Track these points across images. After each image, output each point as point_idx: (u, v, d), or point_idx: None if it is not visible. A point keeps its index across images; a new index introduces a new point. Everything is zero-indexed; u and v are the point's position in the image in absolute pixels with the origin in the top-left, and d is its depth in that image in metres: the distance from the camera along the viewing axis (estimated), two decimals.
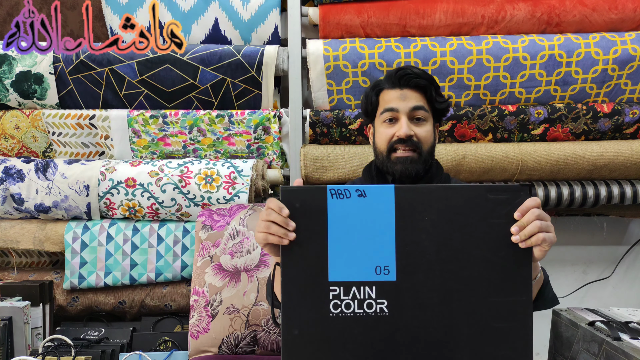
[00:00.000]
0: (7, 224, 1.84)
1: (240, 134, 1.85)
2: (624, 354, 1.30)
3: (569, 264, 2.12)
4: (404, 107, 1.18)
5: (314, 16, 1.83)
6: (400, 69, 1.22)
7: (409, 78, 1.19)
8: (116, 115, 1.84)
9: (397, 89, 1.20)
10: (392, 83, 1.22)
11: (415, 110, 1.19)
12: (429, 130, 1.20)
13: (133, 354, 1.53)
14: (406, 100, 1.18)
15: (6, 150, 1.91)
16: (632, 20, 1.78)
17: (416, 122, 1.19)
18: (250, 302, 1.54)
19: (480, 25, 1.80)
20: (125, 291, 1.80)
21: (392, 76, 1.22)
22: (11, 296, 1.73)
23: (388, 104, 1.20)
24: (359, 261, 0.95)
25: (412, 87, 1.20)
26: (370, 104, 1.25)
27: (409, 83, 1.19)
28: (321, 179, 1.82)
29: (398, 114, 1.19)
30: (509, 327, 0.94)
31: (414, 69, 1.21)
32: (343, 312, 0.94)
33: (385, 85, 1.23)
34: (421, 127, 1.19)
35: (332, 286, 0.94)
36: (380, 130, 1.23)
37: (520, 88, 1.79)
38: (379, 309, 0.94)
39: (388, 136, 1.20)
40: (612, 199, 1.81)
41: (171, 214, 1.80)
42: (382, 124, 1.22)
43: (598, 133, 1.83)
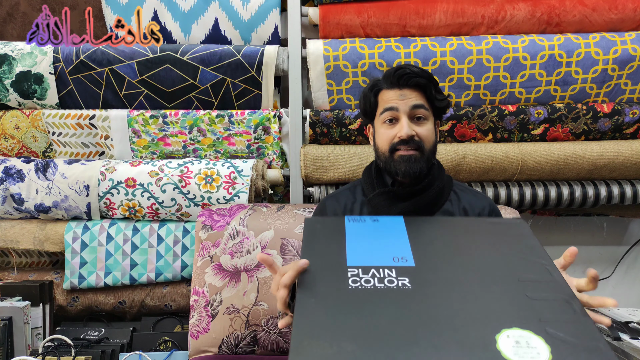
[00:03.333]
0: (7, 224, 1.84)
1: (240, 134, 1.85)
2: (624, 354, 1.30)
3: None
4: (404, 107, 1.16)
5: (314, 16, 1.83)
6: (398, 68, 1.19)
7: (408, 77, 1.17)
8: (116, 115, 1.84)
9: (396, 89, 1.18)
10: (390, 83, 1.19)
11: (415, 109, 1.17)
12: (430, 129, 1.18)
13: (133, 354, 1.53)
14: (406, 100, 1.17)
15: (6, 150, 1.91)
16: (632, 20, 1.78)
17: (417, 122, 1.17)
18: (250, 302, 1.54)
19: (480, 25, 1.80)
20: (125, 291, 1.80)
21: (391, 75, 1.19)
22: (11, 296, 1.73)
23: (387, 103, 1.19)
24: (376, 252, 0.96)
25: (411, 86, 1.18)
26: (369, 105, 1.24)
27: (408, 82, 1.17)
28: (321, 179, 1.82)
29: (398, 114, 1.17)
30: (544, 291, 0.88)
31: (413, 67, 1.19)
32: (362, 285, 0.89)
33: (383, 85, 1.21)
34: (422, 126, 1.17)
35: (350, 269, 0.92)
36: (380, 131, 1.21)
37: (520, 88, 1.79)
38: (400, 284, 0.89)
39: (389, 137, 1.18)
40: (612, 199, 1.81)
41: (171, 214, 1.80)
42: (383, 124, 1.20)
43: (598, 133, 1.83)
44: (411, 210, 1.15)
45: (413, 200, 1.16)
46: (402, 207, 1.15)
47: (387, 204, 1.17)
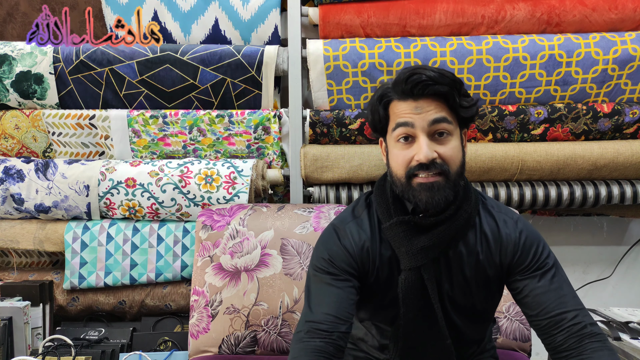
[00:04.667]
0: (7, 224, 1.84)
1: (240, 134, 1.85)
2: (624, 354, 1.30)
3: (569, 264, 2.12)
4: (421, 122, 0.94)
5: (314, 16, 1.83)
6: (411, 73, 0.95)
7: (424, 85, 0.93)
8: (116, 115, 1.84)
9: (410, 100, 0.96)
10: (402, 92, 0.96)
11: (435, 125, 0.95)
12: (455, 147, 0.96)
13: (133, 354, 1.53)
14: (423, 113, 0.94)
15: (6, 150, 1.91)
16: (632, 20, 1.78)
17: (438, 139, 0.96)
18: (250, 302, 1.54)
19: (480, 25, 1.80)
20: (125, 291, 1.80)
21: (403, 83, 0.95)
22: (11, 296, 1.73)
23: (400, 118, 0.96)
24: None
25: (428, 96, 0.95)
26: (378, 119, 1.02)
27: (424, 91, 0.94)
28: (321, 179, 1.82)
29: (414, 131, 0.95)
30: None
31: (428, 71, 0.94)
32: None
33: (394, 96, 0.98)
34: (446, 144, 0.96)
35: None
36: (394, 152, 0.99)
37: (520, 88, 1.79)
38: None
39: (405, 160, 0.96)
40: (612, 199, 1.81)
41: (171, 214, 1.80)
42: (397, 143, 0.98)
43: (598, 133, 1.83)
44: (435, 244, 0.99)
45: (437, 232, 0.98)
46: (424, 241, 0.98)
47: (406, 235, 0.99)
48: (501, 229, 1.03)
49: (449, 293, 1.04)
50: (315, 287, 1.03)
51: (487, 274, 1.04)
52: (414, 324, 1.04)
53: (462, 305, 1.05)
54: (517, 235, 1.03)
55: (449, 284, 1.03)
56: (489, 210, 1.06)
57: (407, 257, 0.99)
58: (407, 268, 1.00)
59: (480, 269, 1.03)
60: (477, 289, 1.04)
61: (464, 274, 1.03)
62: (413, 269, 0.99)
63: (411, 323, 1.03)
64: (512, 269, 1.03)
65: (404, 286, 1.00)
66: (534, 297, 0.99)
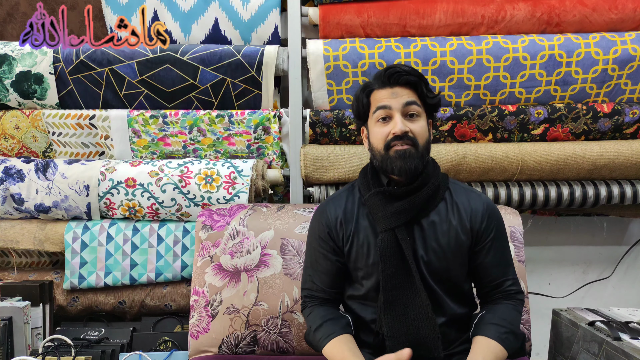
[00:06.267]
0: (7, 224, 1.84)
1: (240, 134, 1.85)
2: (624, 354, 1.30)
3: (569, 264, 2.13)
4: (396, 104, 1.18)
5: (314, 16, 1.83)
6: (388, 67, 1.22)
7: (398, 75, 1.19)
8: (116, 115, 1.84)
9: (387, 88, 1.20)
10: (382, 82, 1.21)
11: (408, 106, 1.18)
12: (423, 126, 1.20)
13: (133, 354, 1.53)
14: (398, 97, 1.18)
15: (6, 150, 1.91)
16: (632, 20, 1.78)
17: (410, 118, 1.19)
18: (250, 302, 1.54)
19: (480, 25, 1.80)
20: (125, 291, 1.80)
21: (382, 75, 1.21)
22: (11, 296, 1.73)
23: (380, 102, 1.20)
24: None
25: (402, 85, 1.20)
26: (362, 106, 1.25)
27: (398, 80, 1.19)
28: (321, 179, 1.82)
29: (391, 112, 1.19)
30: None
31: (402, 66, 1.21)
32: None
33: (375, 86, 1.23)
34: (415, 122, 1.19)
35: None
36: (374, 130, 1.22)
37: (520, 88, 1.79)
38: None
39: (384, 135, 1.19)
40: (612, 199, 1.81)
41: (171, 214, 1.80)
42: (376, 123, 1.21)
43: (598, 133, 1.83)
44: (406, 208, 1.17)
45: (408, 199, 1.17)
46: (397, 207, 1.17)
47: (382, 203, 1.19)
48: (471, 201, 1.24)
49: (424, 258, 1.20)
50: (310, 259, 1.31)
51: (460, 240, 1.21)
52: (394, 281, 1.17)
53: (437, 270, 1.20)
54: (485, 207, 1.24)
55: (424, 249, 1.20)
56: (459, 188, 1.28)
57: (383, 220, 1.18)
58: (383, 230, 1.18)
59: (453, 235, 1.21)
60: (452, 254, 1.21)
61: (438, 241, 1.20)
62: (388, 230, 1.17)
63: (390, 279, 1.17)
64: (479, 235, 1.22)
65: (381, 245, 1.17)
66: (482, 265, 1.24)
